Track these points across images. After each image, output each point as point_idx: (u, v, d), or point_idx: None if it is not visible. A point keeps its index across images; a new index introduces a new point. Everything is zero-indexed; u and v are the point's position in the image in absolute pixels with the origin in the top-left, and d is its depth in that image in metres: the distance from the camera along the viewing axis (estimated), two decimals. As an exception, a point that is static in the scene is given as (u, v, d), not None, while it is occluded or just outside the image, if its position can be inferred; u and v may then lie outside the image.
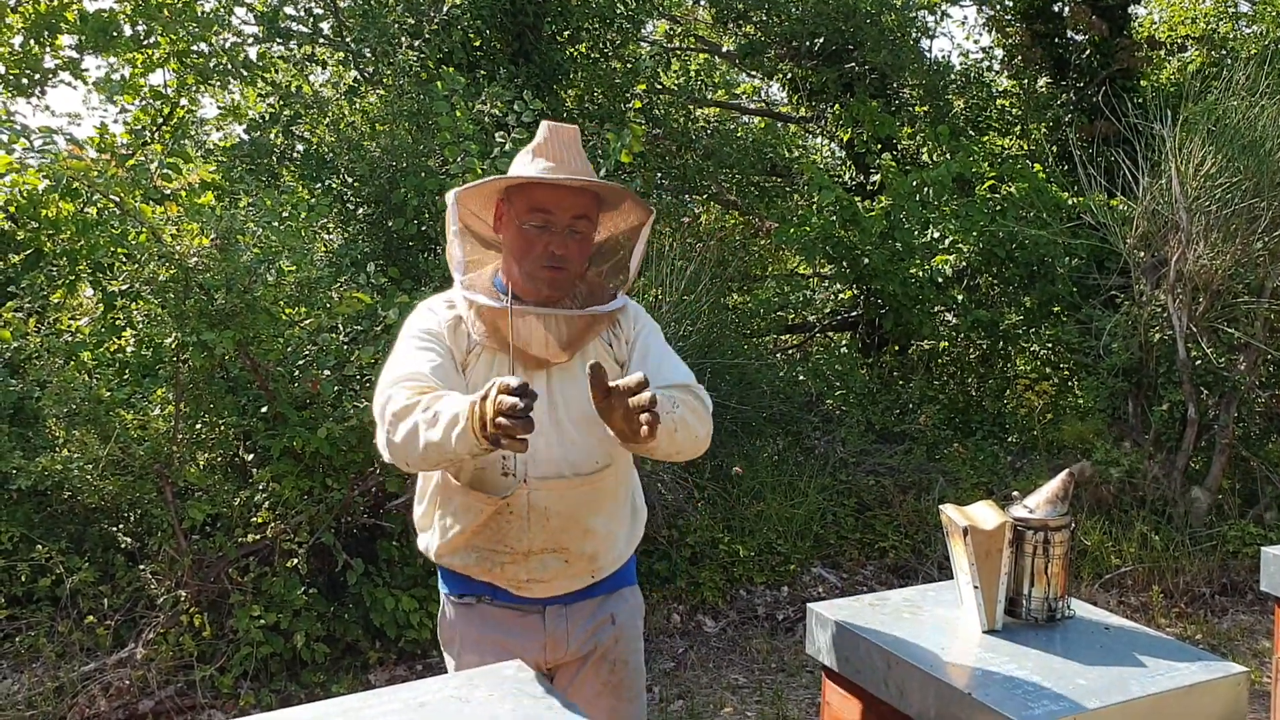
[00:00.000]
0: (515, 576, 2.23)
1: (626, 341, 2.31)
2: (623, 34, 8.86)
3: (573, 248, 2.20)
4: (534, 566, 2.22)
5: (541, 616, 2.28)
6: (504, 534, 2.20)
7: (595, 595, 2.33)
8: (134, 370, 4.92)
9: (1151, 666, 2.07)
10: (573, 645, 2.30)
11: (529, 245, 2.19)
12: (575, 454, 2.20)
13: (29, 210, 5.51)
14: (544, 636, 2.28)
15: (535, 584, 2.24)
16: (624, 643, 2.37)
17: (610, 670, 2.34)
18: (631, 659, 2.39)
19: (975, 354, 8.37)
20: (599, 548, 2.27)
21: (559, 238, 2.18)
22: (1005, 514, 2.30)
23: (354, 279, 5.21)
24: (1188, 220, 5.87)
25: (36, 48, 6.18)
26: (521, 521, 2.18)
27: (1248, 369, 6.00)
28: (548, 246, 2.18)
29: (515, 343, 2.17)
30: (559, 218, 2.18)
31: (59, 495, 4.59)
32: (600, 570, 2.30)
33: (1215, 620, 5.32)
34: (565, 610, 2.29)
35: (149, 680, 4.14)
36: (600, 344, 2.28)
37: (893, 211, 7.74)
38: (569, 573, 2.25)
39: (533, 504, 2.18)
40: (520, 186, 2.22)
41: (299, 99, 6.57)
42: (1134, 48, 9.57)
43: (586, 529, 2.23)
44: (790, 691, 4.56)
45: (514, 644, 2.25)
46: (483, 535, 2.22)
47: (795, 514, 5.80)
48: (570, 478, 2.19)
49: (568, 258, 2.19)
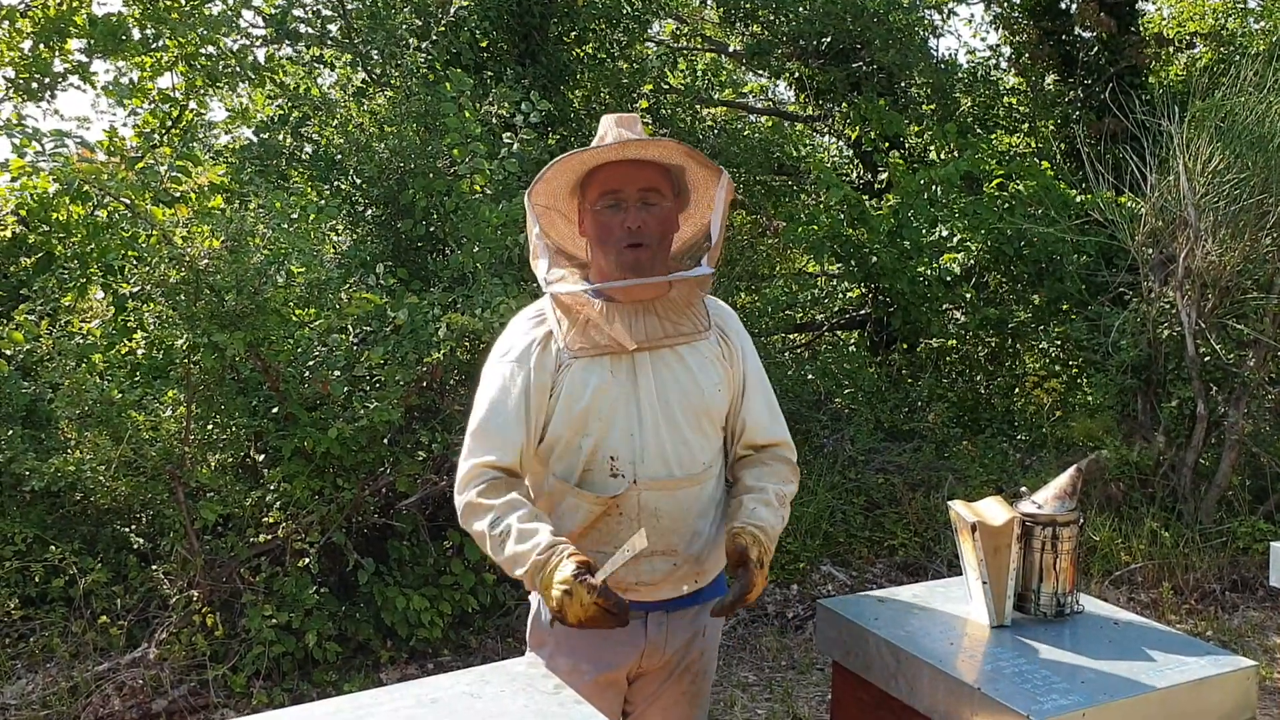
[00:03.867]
0: (623, 580, 2.12)
1: (735, 361, 2.26)
2: (629, 34, 8.86)
3: (649, 220, 2.15)
4: (643, 570, 2.17)
5: (644, 623, 2.22)
6: (614, 535, 2.14)
7: (694, 604, 2.28)
8: (145, 372, 4.95)
9: (1161, 661, 2.08)
10: (669, 653, 2.27)
11: (606, 228, 2.15)
12: (684, 453, 2.17)
13: (40, 214, 5.53)
14: (644, 644, 2.23)
15: (642, 587, 2.19)
16: (708, 655, 2.36)
17: (692, 681, 2.34)
18: (710, 669, 2.39)
19: (984, 352, 8.36)
20: (705, 550, 2.23)
21: (632, 212, 2.13)
22: (1014, 510, 2.31)
23: (363, 280, 5.23)
24: (1196, 217, 5.86)
25: (46, 52, 6.20)
26: (631, 523, 2.13)
27: (1257, 365, 5.98)
28: (623, 224, 2.13)
29: (606, 337, 2.13)
30: (628, 193, 2.14)
31: (72, 496, 4.62)
32: (704, 575, 2.26)
33: (1225, 616, 5.31)
34: (666, 618, 2.25)
35: (162, 680, 4.16)
36: (714, 348, 2.24)
37: (900, 210, 7.73)
38: (676, 576, 2.20)
39: (643, 505, 2.14)
40: (590, 178, 2.18)
41: (307, 101, 6.58)
42: (1142, 44, 9.56)
43: (695, 531, 2.20)
44: (800, 689, 4.57)
45: (610, 650, 2.20)
46: (591, 536, 2.17)
47: (804, 512, 5.79)
48: (680, 478, 2.16)
49: (644, 230, 2.14)
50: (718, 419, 2.23)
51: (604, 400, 2.12)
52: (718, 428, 2.24)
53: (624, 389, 2.14)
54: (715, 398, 2.20)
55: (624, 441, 2.13)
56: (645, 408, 2.13)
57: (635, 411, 2.14)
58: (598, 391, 2.12)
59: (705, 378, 2.19)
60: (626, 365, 2.15)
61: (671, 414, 2.16)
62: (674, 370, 2.17)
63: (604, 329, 2.14)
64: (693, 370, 2.18)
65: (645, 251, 2.14)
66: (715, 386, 2.20)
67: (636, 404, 2.14)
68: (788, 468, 2.30)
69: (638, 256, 2.14)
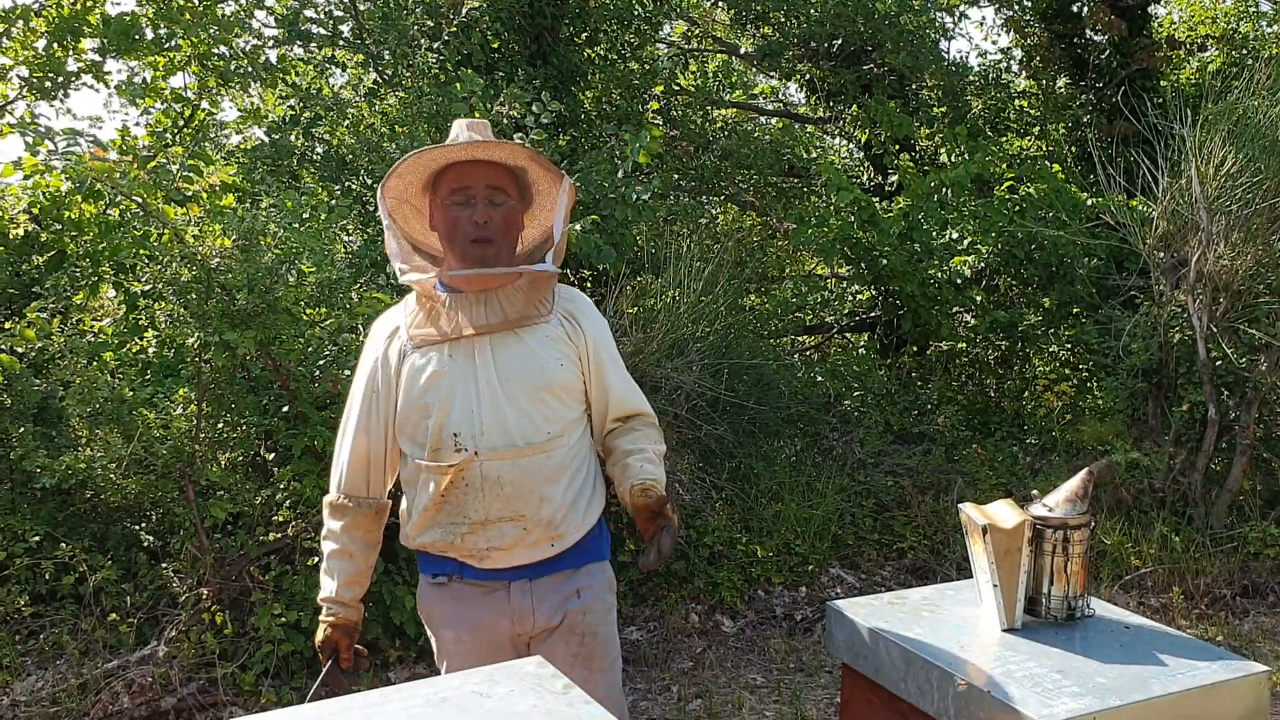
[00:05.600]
0: (475, 546, 2.34)
1: (581, 342, 2.43)
2: (640, 35, 8.87)
3: (495, 216, 2.34)
4: (492, 535, 2.33)
5: (507, 591, 2.38)
6: (462, 505, 2.32)
7: (561, 569, 2.42)
8: (156, 370, 4.97)
9: (1172, 665, 2.07)
10: (539, 619, 2.40)
11: (455, 223, 2.34)
12: (525, 424, 2.31)
13: (52, 212, 5.55)
14: (510, 610, 2.39)
15: (496, 552, 2.35)
16: (592, 615, 2.44)
17: (580, 642, 2.43)
18: (601, 630, 2.46)
19: (994, 355, 8.33)
20: (556, 515, 2.36)
21: (480, 208, 2.33)
22: (1024, 513, 2.30)
23: (373, 280, 5.24)
24: (1208, 220, 5.84)
25: (60, 51, 6.22)
26: (476, 492, 2.30)
27: (1269, 369, 5.96)
28: (471, 219, 2.32)
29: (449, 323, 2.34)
30: (476, 190, 2.33)
31: (82, 494, 4.63)
32: (561, 539, 2.38)
33: (1236, 622, 5.29)
34: (530, 585, 2.39)
35: (171, 677, 4.17)
36: (558, 329, 2.40)
37: (911, 212, 7.72)
38: (528, 540, 2.34)
39: (485, 474, 2.30)
40: (441, 175, 2.37)
41: (319, 101, 6.60)
42: (1153, 47, 9.53)
43: (542, 497, 2.33)
44: (808, 691, 4.56)
45: (483, 619, 2.39)
46: (444, 510, 2.34)
47: (813, 514, 5.79)
48: (522, 447, 2.31)
49: (491, 224, 2.33)
50: (564, 394, 2.38)
51: (441, 383, 2.31)
52: (566, 401, 2.39)
53: (462, 370, 2.32)
54: (558, 373, 2.36)
55: (464, 417, 2.30)
56: (484, 385, 2.30)
57: (474, 389, 2.31)
58: (433, 376, 2.32)
59: (547, 355, 2.36)
60: (465, 349, 2.33)
61: (511, 390, 2.31)
62: (513, 350, 2.34)
63: (445, 316, 2.34)
64: (533, 349, 2.35)
65: (490, 247, 2.34)
66: (558, 362, 2.37)
67: (475, 383, 2.31)
68: (655, 430, 2.52)
69: (483, 251, 2.33)
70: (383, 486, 2.48)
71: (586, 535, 2.44)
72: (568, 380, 2.38)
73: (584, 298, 2.54)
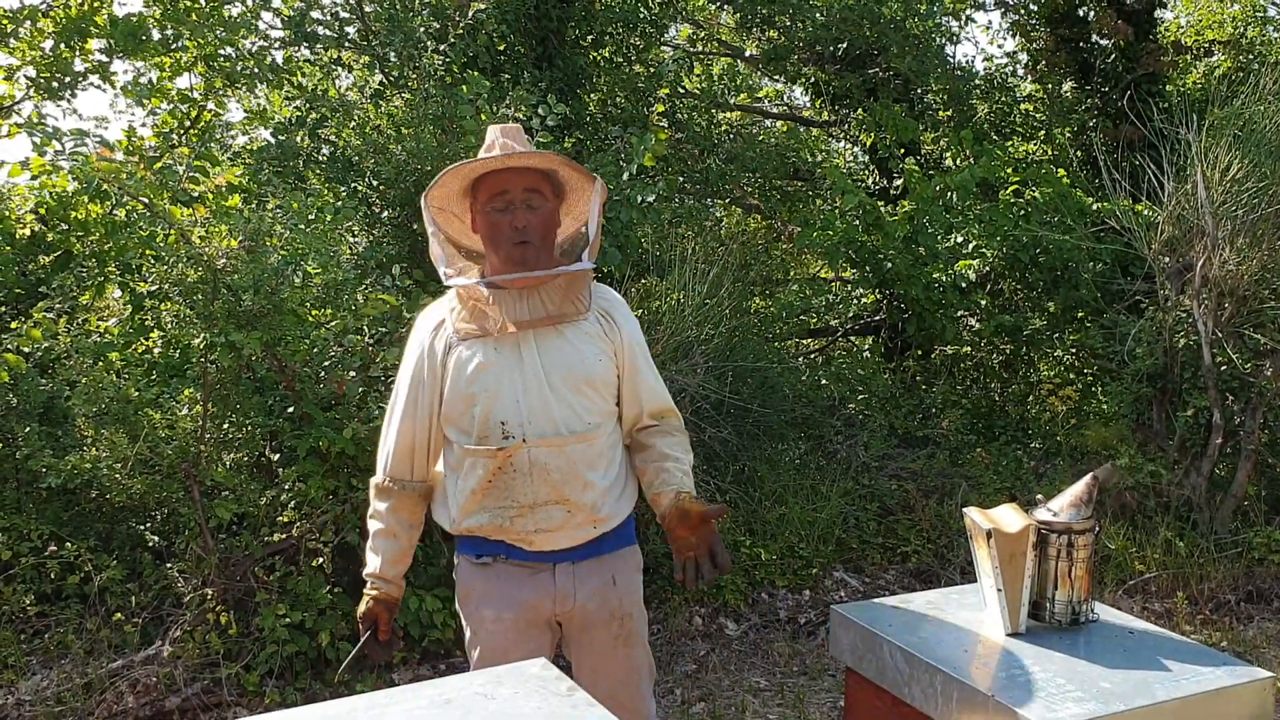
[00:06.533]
0: (524, 529, 2.47)
1: (617, 339, 2.56)
2: (646, 39, 8.87)
3: (533, 220, 2.46)
4: (540, 518, 2.46)
5: (552, 573, 2.53)
6: (510, 490, 2.45)
7: (601, 554, 2.57)
8: (162, 370, 4.98)
9: (1176, 671, 2.07)
10: (579, 599, 2.54)
11: (496, 229, 2.47)
12: (569, 414, 2.46)
13: (59, 212, 5.58)
14: (554, 590, 2.53)
15: (543, 534, 2.48)
16: (627, 598, 2.62)
17: (619, 625, 2.60)
18: (635, 610, 2.64)
19: (998, 359, 8.33)
20: (599, 499, 2.50)
21: (519, 213, 2.45)
22: (1029, 517, 2.30)
23: (379, 281, 5.25)
24: (1213, 225, 5.83)
25: (67, 51, 6.24)
26: (524, 477, 2.44)
27: (1274, 375, 5.94)
28: (511, 224, 2.44)
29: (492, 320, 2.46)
30: (513, 195, 2.45)
31: (87, 494, 4.64)
32: (603, 522, 2.53)
33: (1240, 627, 5.28)
34: (573, 568, 2.54)
35: (175, 677, 4.18)
36: (595, 326, 2.53)
37: (916, 216, 7.71)
38: (572, 523, 2.49)
39: (533, 460, 2.43)
40: (480, 182, 2.49)
41: (325, 102, 6.61)
42: (1159, 52, 9.52)
43: (586, 482, 2.48)
44: (812, 695, 4.56)
45: (526, 599, 2.52)
46: (492, 494, 2.47)
47: (817, 518, 5.78)
48: (567, 435, 2.45)
49: (529, 228, 2.45)
50: (602, 387, 2.52)
51: (487, 375, 2.44)
52: (604, 394, 2.53)
53: (508, 363, 2.45)
54: (596, 367, 2.50)
55: (511, 407, 2.43)
56: (530, 377, 2.44)
57: (520, 381, 2.44)
58: (479, 368, 2.44)
59: (586, 350, 2.49)
60: (510, 343, 2.46)
61: (554, 381, 2.45)
62: (555, 344, 2.47)
63: (489, 313, 2.46)
64: (573, 343, 2.49)
65: (530, 249, 2.46)
66: (596, 358, 2.50)
67: (521, 374, 2.44)
68: (685, 436, 2.67)
69: (524, 253, 2.45)
70: (426, 471, 2.60)
71: (623, 521, 2.59)
72: (605, 375, 2.52)
73: (618, 297, 2.67)
